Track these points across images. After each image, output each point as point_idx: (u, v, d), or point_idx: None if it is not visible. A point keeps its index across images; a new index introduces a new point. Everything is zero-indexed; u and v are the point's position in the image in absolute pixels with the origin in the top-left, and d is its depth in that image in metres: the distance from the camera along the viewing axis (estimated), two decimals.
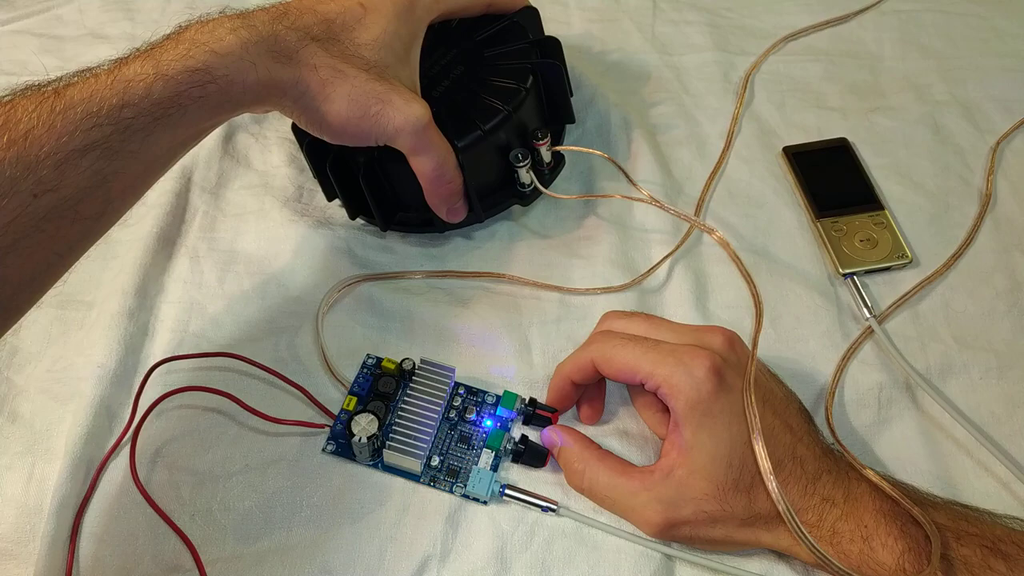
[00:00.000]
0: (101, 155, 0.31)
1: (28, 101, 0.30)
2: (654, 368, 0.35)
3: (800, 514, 0.34)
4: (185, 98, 0.33)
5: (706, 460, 0.33)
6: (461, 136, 0.42)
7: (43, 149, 0.30)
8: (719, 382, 0.34)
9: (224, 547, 0.36)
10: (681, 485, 0.34)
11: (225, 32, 0.34)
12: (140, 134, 0.32)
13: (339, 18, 0.38)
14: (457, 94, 0.44)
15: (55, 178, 0.30)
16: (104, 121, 0.31)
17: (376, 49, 0.38)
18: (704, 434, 0.34)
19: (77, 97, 0.31)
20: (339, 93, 0.37)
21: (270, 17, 0.36)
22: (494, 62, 0.45)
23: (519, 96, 0.43)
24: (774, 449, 0.34)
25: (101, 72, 0.32)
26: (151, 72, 0.32)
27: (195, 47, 0.33)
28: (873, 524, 0.33)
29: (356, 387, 0.40)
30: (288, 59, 0.36)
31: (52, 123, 0.30)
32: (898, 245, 0.46)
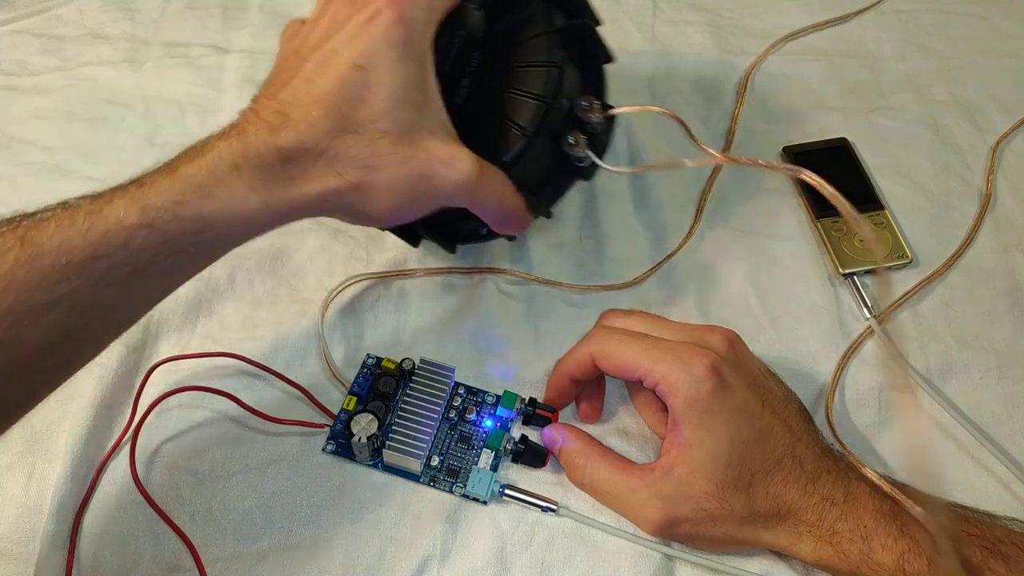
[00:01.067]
0: (67, 310, 0.28)
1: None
2: (653, 365, 0.35)
3: (800, 513, 0.34)
4: (175, 246, 0.29)
5: (706, 458, 0.34)
6: (505, 150, 0.36)
7: (1, 305, 0.26)
8: (718, 381, 0.34)
9: (224, 547, 0.36)
10: (681, 483, 0.34)
11: (225, 169, 0.30)
12: (116, 287, 0.28)
13: (342, 97, 0.31)
14: (483, 94, 0.37)
15: (12, 337, 0.27)
16: (73, 275, 0.27)
17: (394, 114, 0.31)
18: (703, 432, 0.34)
19: (46, 245, 0.27)
20: (377, 190, 0.32)
21: (268, 130, 0.30)
22: (512, 40, 0.37)
23: (553, 77, 0.36)
24: (773, 448, 0.34)
25: (80, 211, 0.28)
26: (135, 219, 0.28)
27: (190, 189, 0.29)
28: (873, 524, 0.33)
29: (356, 387, 0.40)
30: (305, 178, 0.31)
31: (13, 276, 0.26)
32: (898, 245, 0.46)
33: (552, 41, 0.37)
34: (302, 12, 0.60)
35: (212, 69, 0.56)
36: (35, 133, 0.52)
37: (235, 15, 0.60)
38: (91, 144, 0.52)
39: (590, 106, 0.38)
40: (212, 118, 0.53)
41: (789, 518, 0.34)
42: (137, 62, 0.56)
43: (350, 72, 0.31)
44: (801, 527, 0.34)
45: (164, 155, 0.51)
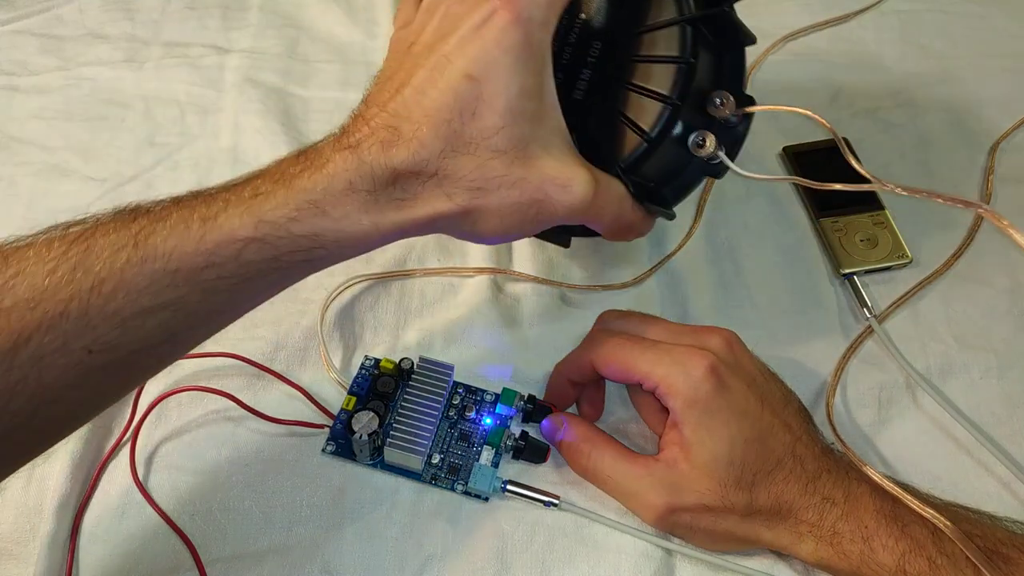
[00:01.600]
0: (172, 315, 0.28)
1: (107, 241, 0.27)
2: (652, 368, 0.35)
3: (801, 513, 0.34)
4: (285, 260, 0.29)
5: (708, 458, 0.34)
6: (624, 152, 0.33)
7: (108, 306, 0.26)
8: (717, 382, 0.34)
9: (224, 547, 0.36)
10: (684, 476, 0.34)
11: (340, 188, 0.29)
12: (223, 295, 0.28)
13: (455, 111, 0.29)
14: (604, 88, 0.34)
15: (116, 337, 0.27)
16: (182, 281, 0.27)
17: (508, 129, 0.29)
18: (704, 433, 0.34)
19: (159, 249, 0.27)
20: (487, 214, 0.31)
21: (381, 147, 0.29)
22: (638, 28, 0.33)
23: (682, 75, 0.32)
24: (774, 448, 0.34)
25: (194, 216, 0.28)
26: (249, 232, 0.28)
27: (304, 205, 0.28)
28: (874, 525, 0.33)
29: (355, 387, 0.40)
30: (415, 200, 0.30)
31: (124, 277, 0.26)
32: (898, 245, 0.46)
33: (683, 32, 0.33)
34: (302, 12, 0.60)
35: (212, 69, 0.56)
36: (35, 133, 0.52)
37: (235, 15, 0.60)
38: (91, 144, 0.52)
39: (724, 103, 0.34)
40: (212, 118, 0.54)
41: (790, 517, 0.34)
42: (137, 62, 0.56)
43: (462, 83, 0.29)
44: (802, 527, 0.34)
45: (164, 155, 0.51)
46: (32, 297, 0.26)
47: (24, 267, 0.26)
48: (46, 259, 0.26)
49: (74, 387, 0.27)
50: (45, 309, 0.26)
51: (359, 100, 0.37)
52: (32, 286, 0.26)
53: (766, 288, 0.45)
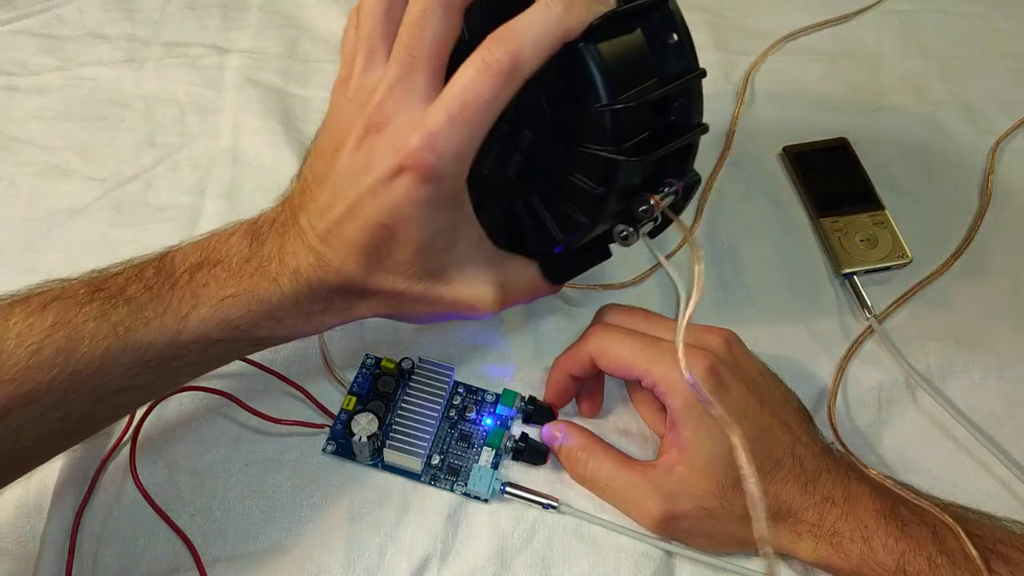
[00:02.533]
0: (142, 392, 0.32)
1: (88, 329, 0.29)
2: (651, 365, 0.35)
3: (800, 513, 0.34)
4: (240, 350, 0.34)
5: (706, 459, 0.34)
6: (544, 255, 0.35)
7: (87, 385, 0.29)
8: (716, 382, 0.34)
9: (224, 547, 0.36)
10: (682, 481, 0.34)
11: (291, 304, 0.32)
12: (186, 375, 0.33)
13: (372, 248, 0.31)
14: (536, 169, 0.33)
15: (88, 411, 0.30)
16: (153, 369, 0.31)
17: (421, 264, 0.32)
18: (703, 433, 0.34)
19: (137, 343, 0.30)
20: (410, 319, 0.36)
21: (313, 268, 0.32)
22: (566, 132, 0.31)
23: (602, 203, 0.31)
24: (773, 448, 0.34)
25: (169, 314, 0.31)
26: (216, 335, 0.31)
27: (264, 316, 0.32)
28: (874, 524, 0.33)
29: (355, 387, 0.40)
30: (349, 308, 0.34)
31: (103, 364, 0.29)
32: (898, 245, 0.46)
33: (605, 167, 0.30)
34: (302, 12, 0.60)
35: (212, 69, 0.56)
36: (35, 133, 0.52)
37: (235, 15, 0.60)
38: (91, 144, 0.52)
39: (647, 212, 0.32)
40: (212, 118, 0.54)
41: (789, 517, 0.34)
42: (137, 62, 0.56)
43: (376, 229, 0.30)
44: (801, 527, 0.34)
45: (164, 155, 0.51)
46: (15, 376, 0.28)
47: (6, 347, 0.29)
48: (28, 341, 0.29)
49: (43, 448, 0.31)
50: (27, 387, 0.28)
51: None
52: (16, 366, 0.28)
53: (766, 288, 0.45)
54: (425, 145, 0.28)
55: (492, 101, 0.27)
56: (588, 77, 0.29)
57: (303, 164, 0.34)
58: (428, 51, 0.28)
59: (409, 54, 0.28)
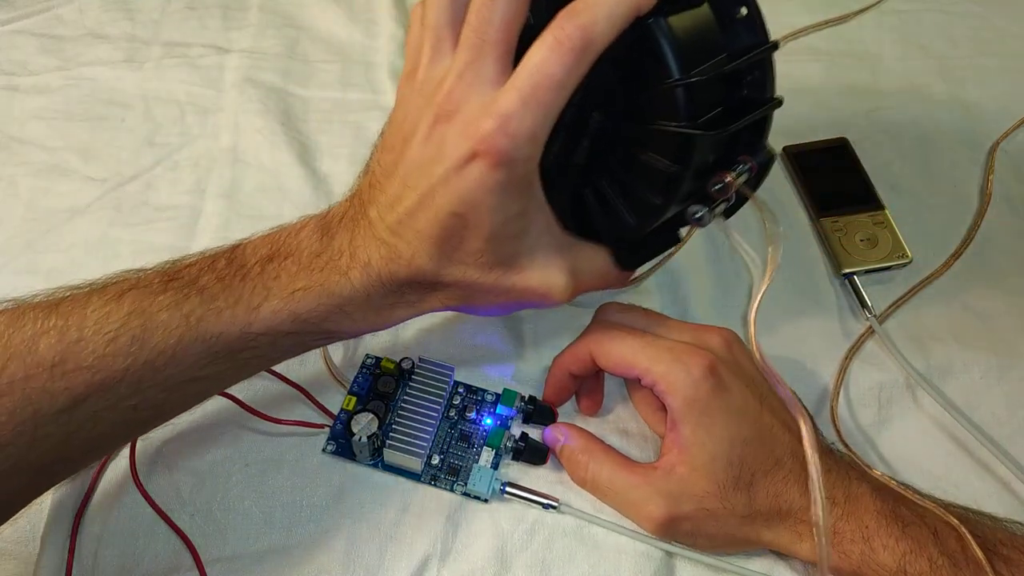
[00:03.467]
0: (211, 383, 0.32)
1: (162, 318, 0.30)
2: (651, 364, 0.35)
3: (801, 512, 0.34)
4: (310, 344, 0.34)
5: (706, 459, 0.34)
6: (617, 230, 0.33)
7: (159, 376, 0.30)
8: (716, 382, 0.34)
9: (224, 547, 0.36)
10: (683, 482, 0.34)
11: (361, 298, 0.32)
12: (254, 367, 0.33)
13: (443, 239, 0.31)
14: (606, 155, 0.32)
15: (160, 400, 0.31)
16: (223, 359, 0.31)
17: (492, 253, 0.31)
18: (703, 433, 0.34)
19: (209, 332, 0.30)
20: (478, 310, 0.35)
21: (385, 263, 0.32)
22: (639, 116, 0.30)
23: (677, 182, 0.30)
24: (773, 448, 0.34)
25: (241, 304, 0.31)
26: (286, 327, 0.31)
27: (334, 312, 0.32)
28: (874, 525, 0.33)
29: (355, 387, 0.40)
30: (418, 301, 0.34)
31: (175, 353, 0.30)
32: (898, 245, 0.46)
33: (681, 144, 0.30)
34: (302, 12, 0.60)
35: (212, 69, 0.56)
36: (35, 133, 0.52)
37: (235, 15, 0.60)
38: (91, 144, 0.52)
39: (724, 189, 0.31)
40: (212, 118, 0.54)
41: (790, 517, 0.34)
42: (137, 62, 0.56)
43: (448, 219, 0.30)
44: (802, 527, 0.34)
45: (164, 155, 0.51)
46: (93, 364, 0.29)
47: (84, 334, 0.29)
48: (105, 329, 0.29)
49: (115, 436, 0.32)
50: (104, 375, 0.29)
51: (358, 100, 0.35)
52: (94, 353, 0.29)
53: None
54: (498, 129, 0.27)
55: (565, 79, 0.27)
56: (659, 52, 0.28)
57: (370, 159, 0.34)
58: (497, 35, 0.28)
59: (478, 38, 0.28)
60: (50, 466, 0.31)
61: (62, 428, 0.29)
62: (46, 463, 0.30)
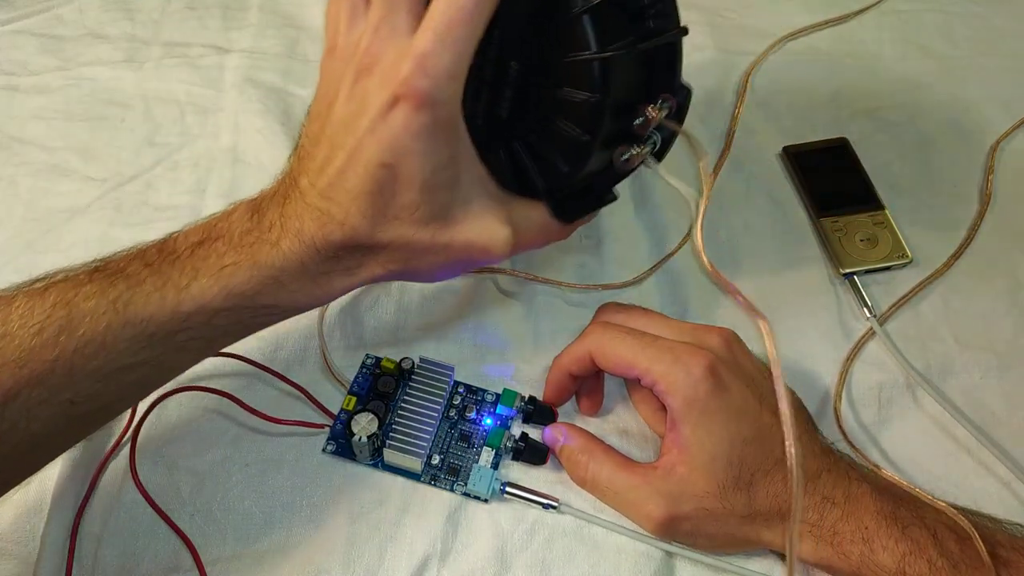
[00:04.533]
0: (148, 370, 0.31)
1: (88, 306, 0.29)
2: (651, 364, 0.35)
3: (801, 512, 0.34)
4: (247, 323, 0.33)
5: (706, 459, 0.34)
6: (549, 188, 0.33)
7: (90, 364, 0.29)
8: (716, 381, 0.34)
9: (224, 547, 0.36)
10: (683, 482, 0.34)
11: (294, 267, 0.31)
12: (194, 351, 0.32)
13: (376, 195, 0.31)
14: (529, 101, 0.32)
15: (96, 390, 0.30)
16: (158, 343, 0.30)
17: (427, 203, 0.31)
18: (703, 433, 0.34)
19: (138, 315, 0.30)
20: (420, 272, 0.34)
21: (318, 225, 0.31)
22: (554, 51, 0.31)
23: (597, 110, 0.30)
24: (773, 448, 0.34)
25: (169, 286, 0.30)
26: (219, 303, 0.31)
27: (266, 281, 0.31)
28: (874, 526, 0.33)
29: (355, 387, 0.40)
30: (358, 268, 0.33)
31: (105, 341, 0.29)
32: (898, 245, 0.46)
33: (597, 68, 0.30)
34: (302, 12, 0.60)
35: (212, 69, 0.56)
36: (35, 133, 0.52)
37: (235, 15, 0.60)
38: (91, 144, 0.52)
39: (646, 122, 0.32)
40: (212, 118, 0.53)
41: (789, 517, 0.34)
42: (137, 62, 0.56)
43: (378, 170, 0.30)
44: (802, 526, 0.34)
45: (164, 155, 0.51)
46: (20, 357, 0.28)
47: (9, 329, 0.29)
48: (31, 323, 0.29)
49: (57, 434, 0.31)
50: (32, 367, 0.28)
51: None
52: (20, 347, 0.28)
53: (766, 288, 0.45)
54: (416, 69, 0.27)
55: (476, 12, 0.27)
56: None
57: (299, 136, 0.34)
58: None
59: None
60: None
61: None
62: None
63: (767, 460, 0.34)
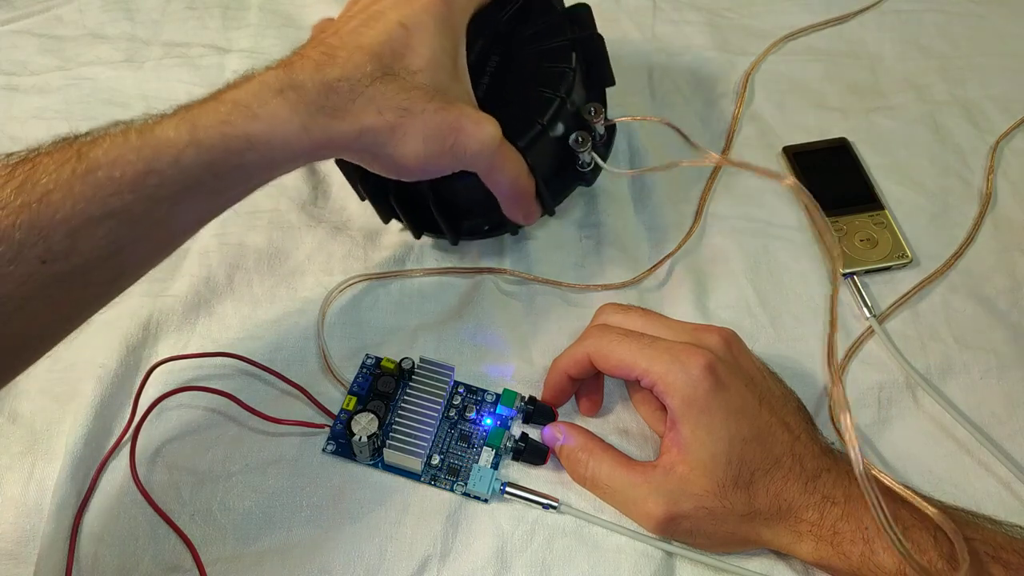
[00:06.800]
0: (119, 223, 0.29)
1: (51, 159, 0.28)
2: (650, 365, 0.35)
3: (801, 512, 0.34)
4: (220, 166, 0.30)
5: (706, 458, 0.34)
6: (521, 135, 0.39)
7: (57, 215, 0.28)
8: (715, 381, 0.34)
9: (224, 547, 0.36)
10: (683, 480, 0.34)
11: (270, 94, 0.31)
12: (166, 203, 0.30)
13: (387, 48, 0.34)
14: (503, 88, 0.41)
15: (67, 246, 0.28)
16: (126, 189, 0.29)
17: (431, 72, 0.34)
18: (702, 432, 0.34)
19: (101, 159, 0.28)
20: (411, 134, 0.34)
21: (315, 65, 0.32)
22: (530, 44, 0.42)
23: (568, 79, 0.40)
24: (772, 447, 0.34)
25: (132, 130, 0.29)
26: (185, 137, 0.29)
27: (236, 110, 0.30)
28: (874, 527, 0.33)
29: (356, 387, 0.40)
30: (346, 111, 0.33)
31: (70, 187, 0.28)
32: (898, 245, 0.46)
33: (569, 49, 0.41)
34: (302, 12, 0.60)
35: (212, 69, 0.56)
36: (35, 133, 0.52)
37: (235, 15, 0.60)
38: None
39: (595, 113, 0.42)
40: None
41: (790, 517, 0.34)
42: (137, 62, 0.56)
43: (396, 28, 0.34)
44: (802, 526, 0.34)
45: None
46: None
47: None
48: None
49: (32, 298, 0.29)
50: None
51: None
52: None
53: (766, 288, 0.45)
54: None
55: None
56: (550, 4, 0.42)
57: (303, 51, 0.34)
58: None
59: None
60: None
61: None
62: None
63: (766, 459, 0.34)
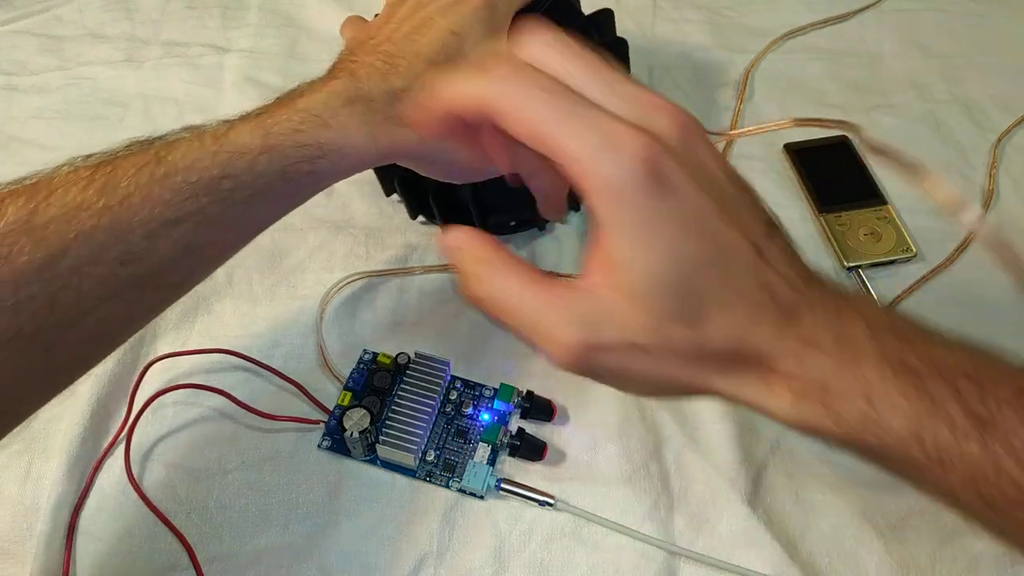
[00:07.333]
0: (194, 226, 0.30)
1: (130, 163, 0.29)
2: (568, 140, 0.24)
3: (772, 360, 0.25)
4: (292, 172, 0.31)
5: (640, 283, 0.24)
6: None
7: (136, 218, 0.28)
8: (658, 177, 0.24)
9: (220, 545, 0.36)
10: (607, 306, 0.25)
11: (339, 103, 0.32)
12: (240, 206, 0.31)
13: (442, 55, 0.34)
14: None
15: (144, 247, 0.29)
16: (202, 192, 0.30)
17: None
18: (639, 248, 0.24)
19: (179, 164, 0.29)
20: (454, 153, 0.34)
21: (380, 75, 0.33)
22: None
23: None
24: (735, 273, 0.25)
25: (207, 135, 0.30)
26: (259, 143, 0.30)
27: (308, 119, 0.31)
28: (876, 377, 0.24)
29: (351, 382, 0.40)
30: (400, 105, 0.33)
31: (150, 191, 0.29)
32: (902, 239, 0.46)
33: None
34: (301, 12, 0.60)
35: (211, 69, 0.56)
36: (35, 133, 0.52)
37: (235, 15, 0.60)
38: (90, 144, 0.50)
39: None
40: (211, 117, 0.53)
41: (756, 365, 0.25)
42: (136, 62, 0.57)
43: (448, 36, 0.33)
44: (773, 377, 0.25)
45: None
46: (66, 214, 0.28)
47: (55, 189, 0.28)
48: (75, 181, 0.28)
49: (108, 299, 0.29)
50: (79, 223, 0.28)
51: None
52: (65, 204, 0.28)
53: None
54: None
55: None
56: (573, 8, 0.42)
57: None
58: None
59: None
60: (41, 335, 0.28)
61: (45, 287, 0.27)
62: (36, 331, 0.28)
63: (727, 290, 0.25)
